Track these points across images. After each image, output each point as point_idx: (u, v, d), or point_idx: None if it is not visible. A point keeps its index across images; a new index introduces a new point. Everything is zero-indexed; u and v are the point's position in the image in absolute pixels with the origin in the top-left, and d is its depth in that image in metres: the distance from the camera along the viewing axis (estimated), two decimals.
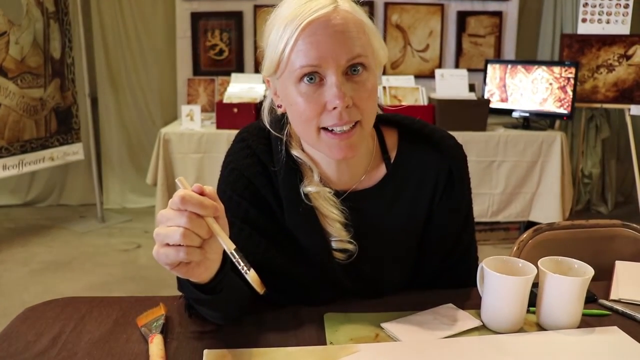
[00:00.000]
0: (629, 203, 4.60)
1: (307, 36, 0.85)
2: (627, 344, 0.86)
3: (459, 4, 4.09)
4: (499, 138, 3.48)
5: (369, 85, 0.90)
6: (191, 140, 3.27)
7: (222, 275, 0.80)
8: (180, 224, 0.70)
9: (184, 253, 0.71)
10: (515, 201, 3.58)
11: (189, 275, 0.76)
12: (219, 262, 0.79)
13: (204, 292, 0.80)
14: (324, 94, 0.87)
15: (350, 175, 1.02)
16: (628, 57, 3.77)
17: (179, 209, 0.71)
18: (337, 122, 0.88)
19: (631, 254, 1.35)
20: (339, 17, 0.86)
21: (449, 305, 0.98)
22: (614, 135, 4.39)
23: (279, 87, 0.93)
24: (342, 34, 0.86)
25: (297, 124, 0.93)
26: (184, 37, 3.96)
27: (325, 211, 0.98)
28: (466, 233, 1.10)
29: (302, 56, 0.86)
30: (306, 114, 0.89)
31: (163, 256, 0.71)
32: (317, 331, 0.90)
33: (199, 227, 0.71)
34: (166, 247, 0.71)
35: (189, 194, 0.71)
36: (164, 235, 0.71)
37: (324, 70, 0.86)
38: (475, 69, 4.02)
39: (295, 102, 0.89)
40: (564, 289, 0.88)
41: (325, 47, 0.85)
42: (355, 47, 0.87)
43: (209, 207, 0.72)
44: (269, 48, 0.90)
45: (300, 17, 0.85)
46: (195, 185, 0.73)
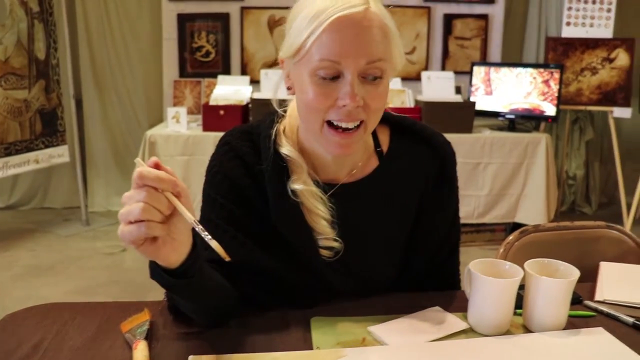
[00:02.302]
0: (612, 204, 4.65)
1: (334, 31, 0.86)
2: (613, 344, 0.87)
3: (445, 7, 4.11)
4: (485, 140, 3.50)
5: (381, 89, 0.91)
6: (177, 142, 3.25)
7: (192, 258, 0.80)
8: (139, 199, 0.71)
9: (145, 227, 0.71)
10: (501, 203, 3.60)
11: (156, 256, 0.76)
12: (188, 246, 0.79)
13: (176, 278, 0.79)
14: (337, 89, 0.89)
15: (344, 167, 1.03)
16: (611, 61, 3.81)
17: (138, 185, 0.72)
18: (343, 118, 0.90)
19: (615, 255, 1.36)
20: (368, 18, 0.87)
21: (436, 308, 0.98)
22: (597, 137, 4.44)
23: (293, 71, 0.93)
24: (367, 35, 0.87)
25: (303, 112, 0.94)
26: (170, 38, 3.94)
27: (312, 208, 0.98)
28: (454, 230, 1.11)
29: (325, 49, 0.86)
30: (315, 105, 0.90)
31: (126, 234, 0.71)
32: (303, 335, 0.90)
33: (158, 201, 0.72)
34: (129, 225, 0.71)
35: (146, 169, 0.72)
36: (126, 213, 0.71)
37: (342, 68, 0.87)
38: (461, 71, 4.04)
39: (307, 90, 0.90)
40: (551, 291, 0.89)
41: (348, 46, 0.86)
42: (377, 50, 0.88)
43: (166, 181, 0.72)
44: (293, 31, 0.90)
45: (331, 10, 0.86)
46: (151, 160, 0.74)
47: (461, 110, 3.56)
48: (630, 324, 0.94)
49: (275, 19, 3.93)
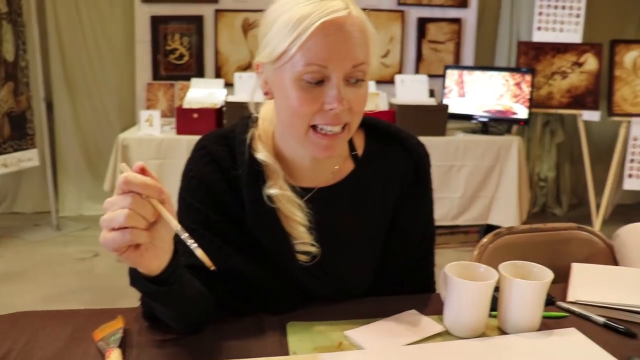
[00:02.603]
0: (582, 205, 4.74)
1: (321, 36, 0.86)
2: (585, 344, 0.88)
3: (419, 11, 4.14)
4: (458, 143, 3.54)
5: (363, 91, 0.92)
6: (150, 146, 3.21)
7: (173, 266, 0.79)
8: (124, 205, 0.70)
9: (130, 235, 0.70)
10: (474, 205, 3.64)
11: (138, 263, 0.75)
12: (169, 253, 0.78)
13: (157, 285, 0.79)
14: (322, 93, 0.89)
15: (321, 171, 1.03)
16: (580, 65, 3.89)
17: (122, 191, 0.70)
18: (330, 121, 0.90)
19: (586, 255, 1.38)
20: (350, 22, 0.88)
21: (412, 312, 0.98)
22: (568, 139, 4.52)
23: (273, 76, 0.92)
24: (352, 39, 0.88)
25: (286, 117, 0.93)
26: (144, 41, 3.89)
27: (288, 213, 0.98)
28: (429, 232, 1.12)
29: (312, 54, 0.86)
30: (301, 111, 0.89)
31: (110, 241, 0.70)
32: (280, 341, 0.89)
33: (144, 208, 0.71)
34: (112, 232, 0.70)
35: (132, 174, 0.71)
36: (109, 219, 0.70)
37: (329, 72, 0.88)
38: (434, 74, 4.08)
39: (291, 96, 0.89)
40: (525, 293, 0.90)
41: (336, 50, 0.87)
42: (361, 54, 0.89)
43: (153, 187, 0.71)
44: (274, 36, 0.89)
45: (316, 15, 0.86)
46: (136, 165, 0.73)
47: (435, 114, 3.60)
48: (602, 324, 0.96)
49: (250, 22, 3.92)
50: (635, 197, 4.89)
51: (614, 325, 0.95)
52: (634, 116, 3.70)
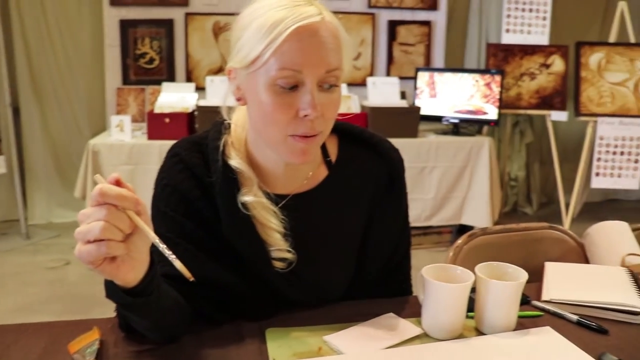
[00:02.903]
0: (551, 203, 4.84)
1: (295, 41, 0.85)
2: (560, 343, 0.90)
3: (389, 13, 4.17)
4: (430, 144, 3.58)
5: (336, 97, 0.92)
6: (121, 151, 3.17)
7: (150, 277, 0.78)
8: (100, 217, 0.68)
9: (106, 247, 0.68)
10: (447, 205, 3.68)
11: (114, 276, 0.73)
12: (146, 264, 0.77)
13: (133, 297, 0.77)
14: (297, 100, 0.88)
15: (295, 178, 1.02)
16: (547, 66, 3.98)
17: (97, 202, 0.69)
18: (306, 131, 0.90)
19: (558, 254, 1.41)
20: (325, 28, 0.88)
21: (390, 315, 0.99)
22: (537, 139, 4.61)
23: (246, 82, 0.92)
24: (326, 45, 0.88)
25: (261, 124, 0.93)
26: (113, 45, 3.83)
27: (264, 220, 0.97)
28: (405, 236, 1.13)
29: (286, 59, 0.86)
30: (275, 117, 0.89)
31: (85, 254, 0.69)
32: (259, 347, 0.89)
33: (120, 219, 0.70)
34: (87, 244, 0.69)
35: (107, 186, 0.70)
36: (84, 232, 0.69)
37: (303, 77, 0.87)
38: (406, 76, 4.11)
39: (265, 102, 0.89)
40: (501, 294, 0.91)
41: (310, 55, 0.87)
42: (334, 59, 0.89)
43: (129, 199, 0.70)
44: (247, 40, 0.88)
45: (290, 20, 0.85)
46: (111, 177, 0.72)
47: (407, 115, 3.63)
48: (575, 322, 0.98)
49: (220, 25, 3.90)
50: (602, 195, 5.01)
51: (587, 323, 0.97)
52: (599, 116, 3.79)
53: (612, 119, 3.77)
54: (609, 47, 3.90)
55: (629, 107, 3.81)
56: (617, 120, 3.77)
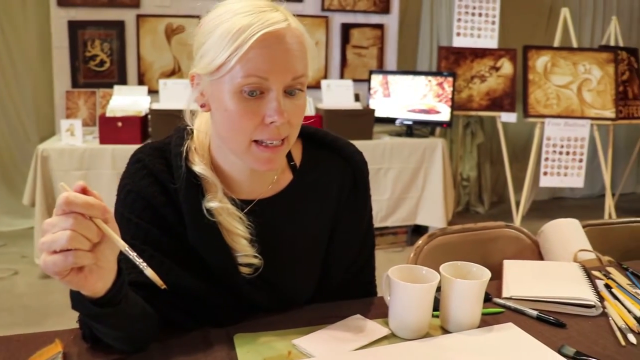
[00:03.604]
0: (502, 202, 4.99)
1: (261, 47, 0.85)
2: (522, 337, 0.93)
3: (342, 16, 4.21)
4: (385, 146, 3.63)
5: (301, 103, 0.93)
6: (72, 156, 3.08)
7: (118, 285, 0.76)
8: (66, 226, 0.66)
9: (73, 257, 0.67)
10: (402, 206, 3.74)
11: (82, 286, 0.72)
12: (113, 273, 0.75)
13: (101, 307, 0.76)
14: (263, 106, 0.88)
15: (260, 183, 1.02)
16: (497, 69, 4.10)
17: (63, 211, 0.67)
18: (273, 136, 0.89)
19: (514, 251, 1.46)
20: (291, 34, 0.88)
21: (357, 316, 0.99)
22: (487, 140, 4.74)
23: (210, 88, 0.90)
24: (292, 52, 0.88)
25: (226, 131, 0.92)
26: (61, 46, 3.71)
27: (230, 227, 0.96)
28: (369, 238, 1.14)
29: (252, 65, 0.85)
30: (241, 124, 0.88)
31: (51, 265, 0.67)
32: (228, 354, 0.88)
33: (87, 228, 0.68)
34: (53, 255, 0.67)
35: (73, 194, 0.68)
36: (49, 242, 0.66)
37: (269, 84, 0.87)
38: (359, 79, 4.15)
39: (230, 109, 0.88)
40: (465, 292, 0.94)
41: (276, 62, 0.86)
42: (300, 66, 0.89)
43: (97, 207, 0.69)
44: (212, 47, 0.87)
45: (257, 26, 0.85)
46: (77, 185, 0.70)
47: (361, 117, 3.67)
48: (535, 317, 1.02)
49: (173, 27, 3.83)
50: (549, 193, 5.20)
51: (546, 318, 1.01)
52: (547, 117, 3.93)
53: (558, 120, 3.91)
54: (554, 51, 4.05)
55: (574, 109, 3.96)
56: (562, 122, 3.92)
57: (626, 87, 4.23)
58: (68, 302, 0.77)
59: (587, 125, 3.93)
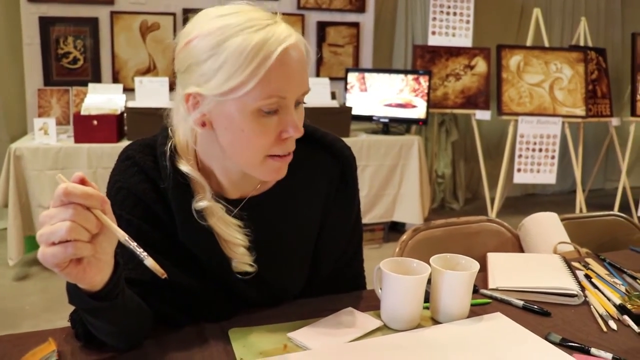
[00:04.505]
0: (476, 199, 5.07)
1: (279, 66, 0.83)
2: (511, 326, 0.96)
3: (318, 15, 4.22)
4: (362, 143, 3.65)
5: (303, 112, 0.93)
6: (47, 155, 3.02)
7: (115, 279, 0.76)
8: (65, 217, 0.66)
9: (72, 248, 0.66)
10: (379, 203, 3.77)
11: (80, 278, 0.71)
12: (111, 266, 0.75)
13: (99, 300, 0.75)
14: (278, 122, 0.88)
15: (249, 183, 1.01)
16: (471, 67, 4.16)
17: (62, 202, 0.67)
18: (287, 149, 0.91)
19: (496, 245, 1.49)
20: (297, 49, 0.86)
21: (349, 310, 1.01)
22: (461, 138, 4.81)
23: (218, 108, 0.87)
24: (301, 65, 0.87)
25: (238, 149, 0.90)
26: (32, 43, 3.63)
27: (229, 238, 0.96)
28: (357, 232, 1.15)
29: (274, 87, 0.84)
30: (259, 143, 0.88)
31: (49, 256, 0.66)
32: (224, 348, 0.89)
33: (87, 219, 0.68)
34: (52, 246, 0.66)
35: (72, 185, 0.67)
36: (48, 233, 0.66)
37: (285, 102, 0.86)
38: (335, 77, 4.17)
39: (246, 129, 0.86)
40: (455, 283, 0.96)
41: (293, 80, 0.86)
42: (307, 80, 0.90)
43: (95, 197, 0.68)
44: (224, 67, 0.83)
45: (272, 44, 0.82)
46: (75, 176, 0.69)
47: (338, 115, 3.69)
48: (521, 307, 1.05)
49: (148, 24, 3.79)
50: (522, 190, 5.30)
51: (531, 307, 1.04)
52: (520, 115, 4.01)
53: (531, 118, 4.00)
54: (527, 50, 4.13)
55: (546, 107, 4.05)
56: (535, 119, 4.00)
57: (595, 86, 4.34)
58: (44, 304, 0.76)
59: (558, 122, 4.03)
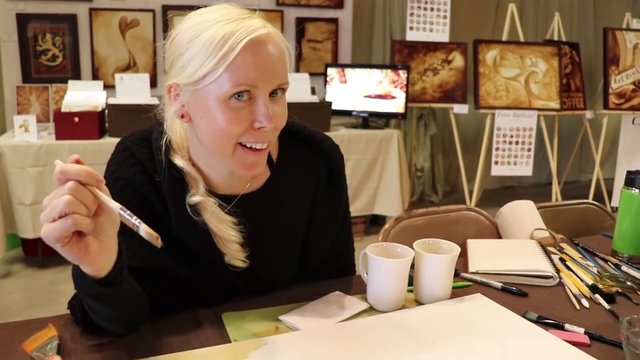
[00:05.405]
0: (455, 192, 5.16)
1: (249, 55, 0.86)
2: (490, 306, 1.02)
3: (297, 11, 4.25)
4: (342, 138, 3.69)
5: (283, 106, 0.94)
6: (28, 153, 3.01)
7: (119, 266, 0.80)
8: (64, 193, 0.69)
9: (72, 220, 0.69)
10: (360, 197, 3.82)
11: (83, 258, 0.73)
12: (115, 251, 0.79)
13: (105, 286, 0.79)
14: (250, 112, 0.89)
15: (238, 182, 1.03)
16: (449, 62, 4.23)
17: (60, 181, 0.70)
18: (259, 139, 0.91)
19: (475, 232, 1.55)
20: (271, 40, 0.89)
21: (337, 293, 1.05)
22: (440, 131, 4.88)
23: (193, 98, 0.90)
24: (275, 57, 0.89)
25: (211, 138, 0.92)
26: (10, 40, 3.60)
27: (223, 235, 0.99)
28: (345, 227, 1.18)
29: (242, 74, 0.86)
30: (229, 130, 0.89)
31: (51, 231, 0.69)
32: (218, 331, 0.92)
33: (84, 194, 0.71)
34: (53, 222, 0.69)
35: (68, 164, 0.71)
36: (49, 211, 0.69)
37: (257, 91, 0.88)
38: (315, 72, 4.21)
39: (218, 116, 0.88)
40: (437, 266, 1.01)
41: (264, 69, 0.87)
42: (284, 72, 0.91)
43: (90, 174, 0.72)
44: (196, 56, 0.87)
45: (241, 33, 0.85)
46: (72, 157, 0.73)
47: (319, 110, 3.73)
48: (500, 288, 1.10)
49: (127, 21, 3.79)
50: (499, 182, 5.40)
51: (509, 288, 1.10)
52: (497, 109, 4.09)
53: (508, 111, 4.09)
54: (502, 44, 4.22)
55: (521, 100, 4.14)
56: (511, 113, 4.09)
57: (569, 80, 4.45)
58: (26, 301, 0.79)
59: (534, 115, 4.12)
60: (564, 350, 0.87)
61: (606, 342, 0.91)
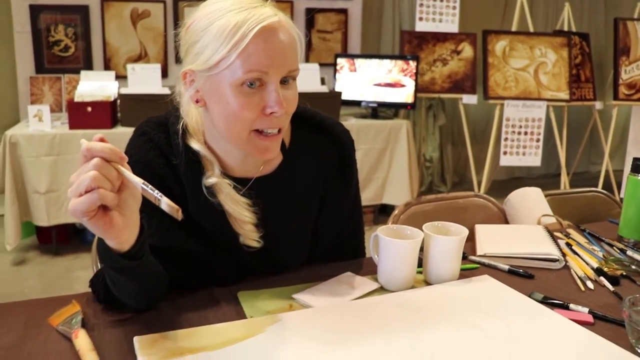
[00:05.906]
0: (463, 182, 5.17)
1: (260, 42, 0.89)
2: (498, 286, 1.05)
3: (306, 1, 4.27)
4: (352, 128, 3.62)
5: (294, 92, 0.97)
6: (42, 142, 3.06)
7: (142, 240, 0.83)
8: (89, 169, 0.73)
9: (97, 194, 0.72)
10: (369, 186, 3.85)
11: (109, 230, 0.77)
12: (137, 227, 0.82)
13: (128, 260, 0.82)
14: (262, 97, 0.92)
15: (252, 166, 1.06)
16: (458, 53, 4.24)
17: (85, 157, 0.74)
18: (271, 125, 0.94)
19: (483, 218, 1.57)
20: (282, 28, 0.92)
21: (348, 274, 1.09)
22: (449, 122, 4.89)
23: (207, 83, 0.94)
24: (287, 44, 0.92)
25: (225, 123, 0.95)
26: (23, 31, 3.66)
27: (238, 215, 1.02)
28: (356, 211, 1.22)
29: (253, 61, 0.89)
30: (242, 116, 0.92)
31: (77, 205, 0.72)
32: (235, 308, 0.96)
33: (108, 170, 0.74)
34: (80, 197, 0.73)
35: (93, 142, 0.75)
36: (75, 187, 0.73)
37: (268, 77, 0.91)
38: (324, 63, 4.22)
39: (231, 102, 0.92)
40: (446, 247, 1.04)
41: (275, 56, 0.90)
42: (295, 60, 0.94)
43: (114, 151, 0.75)
44: (208, 43, 0.90)
45: (253, 21, 0.88)
46: (96, 136, 0.76)
47: (328, 100, 3.75)
48: (507, 271, 1.14)
49: (139, 12, 3.82)
50: (507, 173, 5.41)
51: (516, 270, 1.13)
52: (506, 99, 4.10)
53: (517, 102, 4.09)
54: (512, 35, 4.21)
55: (531, 91, 4.14)
56: (520, 103, 4.10)
57: (579, 70, 4.44)
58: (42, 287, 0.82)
59: (543, 106, 4.12)
60: (568, 328, 0.90)
61: (609, 321, 0.94)
